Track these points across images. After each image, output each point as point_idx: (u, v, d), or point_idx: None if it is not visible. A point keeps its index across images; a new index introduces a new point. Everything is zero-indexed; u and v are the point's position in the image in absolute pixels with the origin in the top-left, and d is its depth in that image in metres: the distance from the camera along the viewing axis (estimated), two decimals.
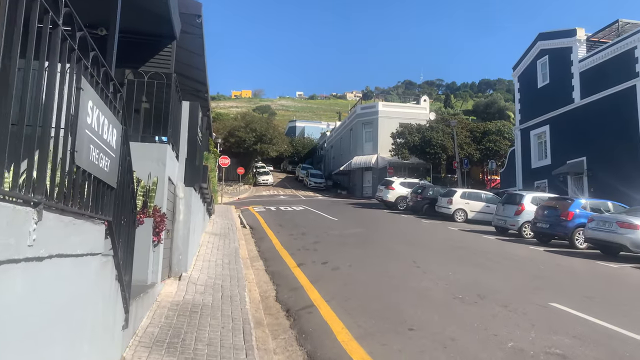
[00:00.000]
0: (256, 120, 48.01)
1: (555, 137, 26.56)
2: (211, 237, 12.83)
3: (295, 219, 20.28)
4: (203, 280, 7.83)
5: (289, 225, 17.55)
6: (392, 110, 45.02)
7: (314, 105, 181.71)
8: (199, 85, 13.74)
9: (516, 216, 17.24)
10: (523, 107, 30.08)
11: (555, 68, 26.84)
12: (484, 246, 14.24)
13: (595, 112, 23.42)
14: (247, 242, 13.66)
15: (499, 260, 11.52)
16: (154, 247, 6.39)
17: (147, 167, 6.43)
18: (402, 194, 27.69)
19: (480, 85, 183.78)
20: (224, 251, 11.04)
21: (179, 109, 7.90)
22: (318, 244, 12.95)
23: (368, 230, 16.97)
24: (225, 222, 17.73)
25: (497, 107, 71.42)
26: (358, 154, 44.84)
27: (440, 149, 38.29)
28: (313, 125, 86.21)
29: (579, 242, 14.46)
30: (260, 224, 18.10)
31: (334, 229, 16.57)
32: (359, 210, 26.45)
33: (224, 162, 30.18)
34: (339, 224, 18.66)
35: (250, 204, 30.20)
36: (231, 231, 15.07)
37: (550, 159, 26.86)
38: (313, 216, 21.68)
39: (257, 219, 20.01)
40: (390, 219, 22.21)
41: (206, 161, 9.61)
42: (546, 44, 27.65)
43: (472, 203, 22.55)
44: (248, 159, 48.49)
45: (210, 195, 13.05)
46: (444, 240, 15.22)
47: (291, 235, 14.78)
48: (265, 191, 45.93)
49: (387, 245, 13.33)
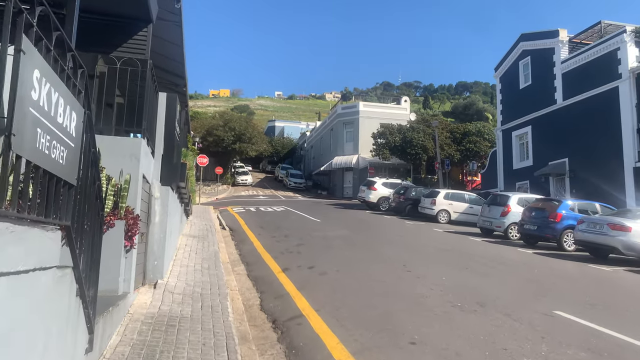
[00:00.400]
0: (235, 119, 47.11)
1: (537, 138, 26.53)
2: (189, 240, 12.12)
3: (276, 220, 19.65)
4: (181, 288, 7.17)
5: (271, 227, 16.92)
6: (373, 110, 44.71)
7: (293, 106, 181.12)
8: (177, 79, 13.02)
9: (502, 217, 16.96)
10: (505, 108, 30.03)
11: (537, 69, 26.82)
12: (472, 249, 13.85)
13: (577, 113, 23.41)
14: (227, 245, 12.99)
15: (491, 263, 11.12)
16: (126, 252, 5.73)
17: (119, 164, 5.76)
18: (384, 194, 27.30)
19: (457, 88, 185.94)
20: (203, 255, 10.36)
21: (155, 100, 7.23)
22: (302, 247, 12.36)
23: (352, 232, 16.45)
24: (204, 223, 17.00)
25: (476, 108, 71.94)
26: (339, 154, 44.40)
27: (421, 150, 38.11)
28: (292, 125, 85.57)
29: (568, 244, 14.21)
30: (240, 226, 17.42)
31: (317, 231, 16.00)
32: (341, 211, 25.95)
33: (201, 161, 29.31)
34: (322, 225, 18.10)
35: (229, 204, 29.43)
36: (210, 233, 14.37)
37: (532, 160, 26.82)
38: (295, 217, 21.07)
39: (237, 220, 19.32)
40: (373, 220, 21.75)
41: (184, 158, 8.93)
42: (528, 45, 27.63)
43: (456, 204, 22.27)
44: (226, 158, 47.56)
45: (188, 195, 12.35)
46: (430, 243, 14.81)
47: (273, 238, 14.15)
48: (244, 191, 45.12)
49: (374, 247, 12.83)
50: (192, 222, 16.76)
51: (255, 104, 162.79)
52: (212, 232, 14.75)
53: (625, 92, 20.66)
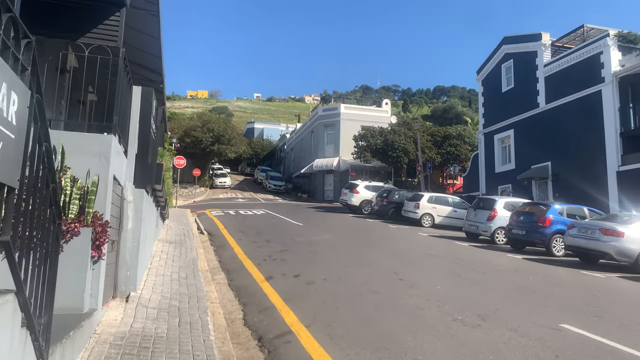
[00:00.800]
0: (214, 120, 46.13)
1: (519, 141, 26.45)
2: (165, 246, 11.39)
3: (257, 224, 18.98)
4: (156, 302, 6.50)
5: (251, 232, 16.25)
6: (354, 112, 44.34)
7: (272, 108, 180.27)
8: (153, 75, 12.28)
9: (489, 222, 16.63)
10: (487, 111, 29.94)
11: (520, 72, 26.77)
12: (460, 254, 13.44)
13: (560, 117, 23.36)
14: (206, 251, 12.30)
15: (482, 270, 10.70)
16: (93, 264, 5.05)
17: (86, 163, 5.10)
18: (366, 197, 26.85)
19: (435, 92, 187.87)
20: (181, 262, 9.67)
21: (129, 94, 6.56)
22: (286, 253, 11.75)
23: (336, 236, 15.90)
24: (181, 227, 16.24)
25: (455, 112, 72.29)
26: (319, 156, 43.89)
27: (402, 153, 37.87)
28: (272, 127, 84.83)
29: (557, 250, 13.92)
30: (219, 230, 16.71)
31: (300, 236, 15.40)
32: (323, 215, 25.39)
33: (179, 162, 28.44)
34: (305, 229, 17.51)
35: (207, 207, 28.61)
36: (188, 238, 13.64)
37: (514, 163, 26.72)
38: (276, 221, 20.43)
39: (216, 224, 18.59)
40: (356, 224, 21.25)
41: (161, 159, 8.24)
42: (511, 48, 27.58)
43: (439, 207, 21.94)
44: (204, 160, 46.56)
45: (164, 198, 11.62)
46: (417, 247, 14.35)
47: (255, 243, 13.50)
48: (222, 194, 44.19)
49: (360, 253, 12.29)
50: (169, 226, 15.99)
51: (234, 106, 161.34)
52: (189, 237, 14.02)
53: (609, 96, 20.64)
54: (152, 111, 7.22)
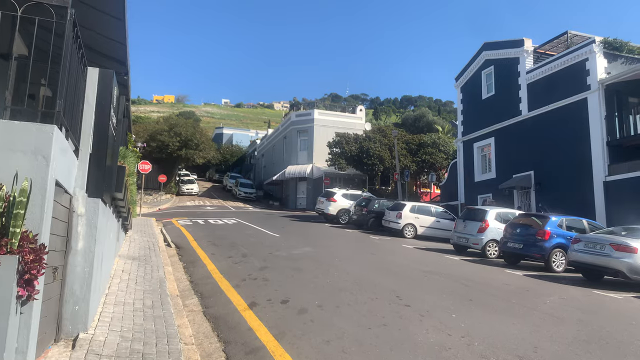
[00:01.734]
0: (181, 124, 44.09)
1: (500, 150, 25.80)
2: (127, 264, 9.78)
3: (230, 235, 17.44)
4: (113, 346, 4.99)
5: (225, 244, 14.73)
6: (328, 119, 43.21)
7: (241, 114, 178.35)
8: (117, 65, 10.71)
9: (479, 234, 15.62)
10: (466, 118, 29.27)
11: (501, 79, 26.18)
12: (456, 270, 12.31)
13: (543, 125, 22.77)
14: (175, 268, 10.75)
15: (491, 291, 9.54)
16: (20, 306, 3.56)
17: (12, 164, 3.62)
18: (344, 206, 25.63)
19: (402, 101, 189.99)
20: (145, 285, 8.13)
21: (82, 75, 5.08)
22: (267, 271, 10.33)
23: (318, 249, 14.56)
24: (146, 239, 14.57)
25: (426, 120, 72.03)
26: (292, 163, 42.51)
27: (377, 160, 36.93)
28: (242, 133, 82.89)
29: (556, 265, 12.98)
30: (188, 242, 15.12)
31: (279, 249, 13.98)
32: (298, 224, 23.99)
33: (144, 167, 26.55)
34: (283, 241, 16.10)
35: (174, 215, 26.81)
36: (153, 252, 12.03)
37: (495, 172, 26.03)
38: (250, 232, 18.92)
39: (184, 235, 16.97)
40: (336, 235, 19.96)
41: (123, 160, 6.69)
42: (491, 54, 27.00)
43: (422, 218, 20.91)
44: (171, 165, 44.44)
45: (127, 207, 10.02)
46: (408, 263, 13.15)
47: (230, 258, 12.01)
48: (189, 201, 42.20)
49: (351, 270, 10.97)
50: (132, 238, 14.29)
51: (202, 111, 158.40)
52: (155, 251, 12.40)
53: (595, 104, 20.12)
54: (112, 100, 5.74)
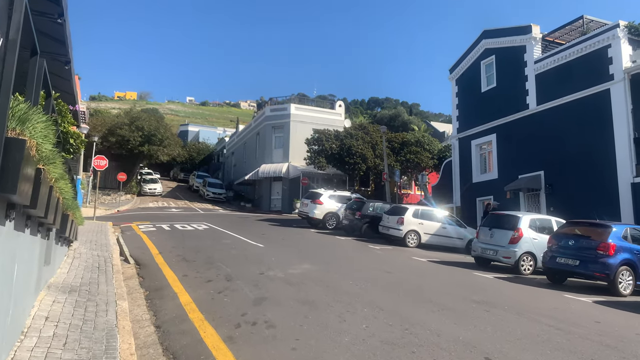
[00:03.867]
0: (144, 118, 40.05)
1: (503, 147, 23.39)
2: (58, 302, 6.46)
3: (203, 245, 14.20)
4: None
5: (199, 259, 11.51)
6: (306, 114, 40.20)
7: (206, 112, 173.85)
8: (55, 45, 7.57)
9: (512, 246, 12.92)
10: (462, 113, 26.79)
11: (504, 70, 23.79)
12: (512, 299, 9.48)
13: (555, 119, 20.46)
14: (134, 301, 7.53)
15: (599, 338, 6.77)
16: None
17: None
18: (331, 209, 22.68)
19: (369, 103, 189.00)
20: (83, 344, 4.91)
21: None
22: (267, 306, 7.24)
23: (320, 266, 11.53)
24: (95, 254, 11.19)
25: (401, 120, 70.00)
26: (266, 161, 39.26)
27: (360, 159, 34.17)
28: (209, 130, 78.78)
29: (623, 287, 10.39)
30: (151, 256, 11.85)
31: (271, 267, 10.87)
32: (280, 231, 20.86)
33: (99, 163, 22.90)
34: (271, 254, 12.99)
35: (134, 219, 23.24)
36: (103, 276, 8.73)
37: (497, 172, 23.62)
38: (228, 240, 15.71)
39: (146, 246, 13.67)
40: (329, 245, 16.96)
41: (21, 129, 3.44)
42: (493, 43, 24.61)
43: (427, 224, 18.17)
44: (132, 163, 40.40)
45: (59, 215, 6.72)
46: (442, 287, 10.25)
47: (210, 283, 8.85)
48: (152, 202, 38.38)
49: (383, 303, 7.94)
50: (77, 252, 10.90)
51: (165, 109, 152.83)
52: (107, 272, 9.09)
53: (619, 96, 17.88)
54: None
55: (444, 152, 37.75)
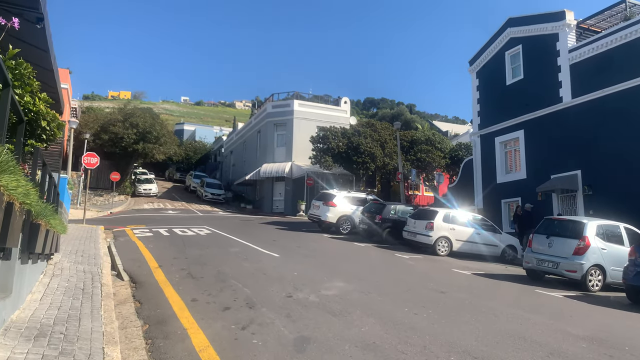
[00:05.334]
0: (138, 114, 37.80)
1: (532, 145, 21.42)
2: (17, 355, 4.39)
3: (209, 255, 12.13)
4: None
5: (208, 275, 9.45)
6: (310, 110, 38.14)
7: (201, 112, 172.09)
8: None
9: (577, 257, 10.94)
10: (484, 108, 24.80)
11: (532, 60, 21.83)
12: (610, 328, 7.53)
13: (594, 114, 18.52)
14: (129, 346, 5.46)
15: None
16: None
17: None
18: (345, 212, 20.62)
19: (365, 103, 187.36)
20: None
21: None
22: (314, 354, 5.19)
23: (355, 284, 9.49)
24: (81, 269, 9.09)
25: (404, 118, 68.29)
26: (268, 160, 37.16)
27: (368, 158, 32.16)
28: (205, 129, 76.52)
29: None
30: (150, 270, 9.78)
31: (298, 285, 8.82)
32: (291, 236, 18.81)
33: (90, 161, 20.76)
34: (292, 267, 10.94)
35: (129, 222, 21.16)
36: (87, 303, 6.65)
37: (525, 172, 21.66)
38: (236, 248, 13.65)
39: (143, 256, 11.60)
40: (353, 254, 14.93)
41: None
42: (519, 31, 22.65)
43: (459, 229, 16.18)
44: (126, 162, 38.16)
45: (15, 225, 4.67)
46: (525, 314, 8.23)
47: (228, 312, 6.80)
48: (147, 204, 36.21)
49: (467, 344, 5.92)
50: (58, 268, 8.80)
51: (160, 108, 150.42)
52: (93, 298, 7.01)
53: None
54: None
55: (456, 151, 35.89)
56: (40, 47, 7.36)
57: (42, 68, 7.97)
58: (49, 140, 5.94)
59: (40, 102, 5.67)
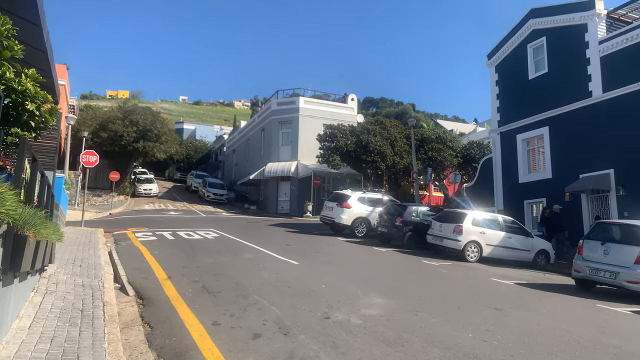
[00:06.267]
0: (138, 112, 36.48)
1: (558, 142, 20.19)
2: None
3: (221, 262, 10.89)
4: None
5: (226, 289, 8.20)
6: (316, 108, 36.89)
7: (200, 111, 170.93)
8: None
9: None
10: (504, 104, 23.55)
11: (558, 53, 20.61)
12: None
13: (627, 109, 17.29)
14: None
15: None
16: None
17: None
18: (361, 214, 19.39)
19: (364, 103, 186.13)
20: None
21: None
22: None
23: (397, 299, 8.26)
24: (78, 283, 7.82)
25: (408, 117, 66.94)
26: (272, 159, 35.89)
27: (378, 157, 30.91)
28: (206, 128, 75.18)
29: None
30: (158, 283, 8.53)
31: (332, 302, 7.58)
32: (305, 240, 17.57)
33: (89, 159, 19.50)
34: (317, 277, 9.70)
35: (130, 224, 19.92)
36: (88, 329, 5.40)
37: (550, 171, 20.44)
38: (249, 255, 12.39)
39: (149, 265, 10.36)
40: (378, 260, 13.69)
41: None
42: (543, 22, 21.43)
43: (489, 233, 14.94)
44: (125, 161, 36.85)
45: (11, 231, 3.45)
46: (596, 333, 7.06)
47: (259, 341, 5.55)
48: (148, 204, 34.95)
49: None
50: (54, 280, 7.54)
51: (158, 107, 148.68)
52: (93, 323, 5.75)
53: None
54: None
55: (468, 150, 34.70)
56: (30, 19, 6.08)
57: (32, 48, 6.71)
58: (38, 128, 4.70)
59: (27, 80, 4.42)
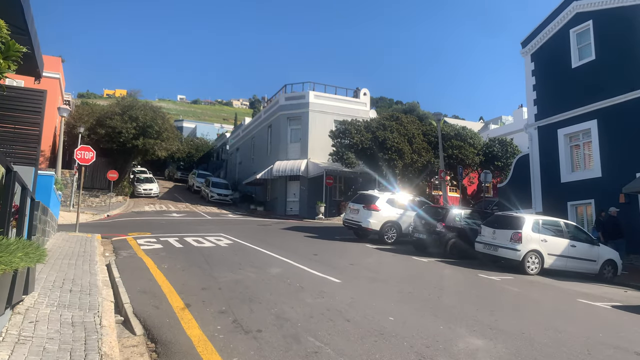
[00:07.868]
0: (138, 107, 34.22)
1: (608, 137, 18.09)
2: None
3: (247, 281, 8.72)
4: None
5: (267, 326, 6.03)
6: (326, 103, 34.70)
7: (198, 110, 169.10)
8: None
9: None
10: (542, 95, 21.40)
11: (607, 38, 18.50)
12: None
13: None
14: None
15: None
16: None
17: None
18: (390, 217, 17.21)
19: None
20: None
21: None
22: None
23: (498, 342, 6.15)
24: (66, 319, 5.60)
25: (417, 113, 64.83)
26: (281, 158, 33.69)
27: (396, 154, 28.78)
28: (207, 126, 72.87)
29: None
30: (174, 316, 6.37)
31: (420, 349, 5.44)
32: (331, 247, 15.42)
33: (84, 156, 17.29)
34: (378, 306, 7.55)
35: (130, 227, 17.77)
36: None
37: (599, 169, 18.33)
38: (276, 269, 10.23)
39: (158, 285, 8.21)
40: (429, 275, 11.54)
41: None
42: (588, 5, 19.31)
43: (551, 240, 12.80)
44: (124, 159, 34.58)
45: None
46: None
47: None
48: (148, 205, 32.76)
49: None
50: (31, 317, 5.35)
51: None
52: None
53: None
54: None
55: (490, 147, 32.61)
56: None
57: None
58: None
59: None
